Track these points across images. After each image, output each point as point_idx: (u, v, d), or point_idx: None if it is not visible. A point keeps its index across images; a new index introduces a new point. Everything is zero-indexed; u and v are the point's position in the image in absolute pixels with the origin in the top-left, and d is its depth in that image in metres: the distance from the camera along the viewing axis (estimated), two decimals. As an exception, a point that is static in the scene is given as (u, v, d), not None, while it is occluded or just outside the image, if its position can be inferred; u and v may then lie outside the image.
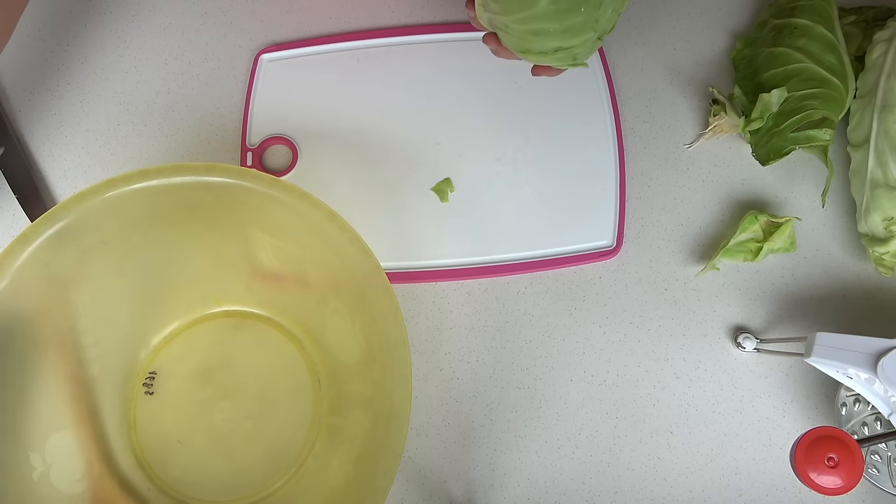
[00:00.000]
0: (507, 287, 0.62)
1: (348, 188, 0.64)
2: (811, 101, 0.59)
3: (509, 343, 0.61)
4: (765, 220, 0.60)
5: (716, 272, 0.61)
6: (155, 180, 0.52)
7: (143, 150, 0.66)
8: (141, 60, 0.68)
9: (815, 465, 0.45)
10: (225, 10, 0.70)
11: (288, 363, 0.59)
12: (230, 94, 0.67)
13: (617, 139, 0.64)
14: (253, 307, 0.60)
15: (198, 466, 0.57)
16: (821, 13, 0.61)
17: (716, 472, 0.58)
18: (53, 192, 0.65)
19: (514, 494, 0.58)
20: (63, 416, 0.55)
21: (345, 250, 0.52)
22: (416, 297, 0.62)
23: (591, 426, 0.59)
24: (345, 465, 0.54)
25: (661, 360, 0.60)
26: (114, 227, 0.54)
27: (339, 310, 0.56)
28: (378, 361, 0.52)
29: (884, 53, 0.59)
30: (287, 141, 0.65)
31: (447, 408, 0.60)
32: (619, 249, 0.62)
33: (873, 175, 0.58)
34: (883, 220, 0.57)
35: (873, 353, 0.50)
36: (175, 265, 0.58)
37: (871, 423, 0.55)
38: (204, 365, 0.59)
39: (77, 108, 0.67)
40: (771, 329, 0.60)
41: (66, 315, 0.55)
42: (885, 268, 0.59)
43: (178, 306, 0.60)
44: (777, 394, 0.59)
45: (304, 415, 0.58)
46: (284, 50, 0.67)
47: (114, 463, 0.56)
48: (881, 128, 0.57)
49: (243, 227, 0.56)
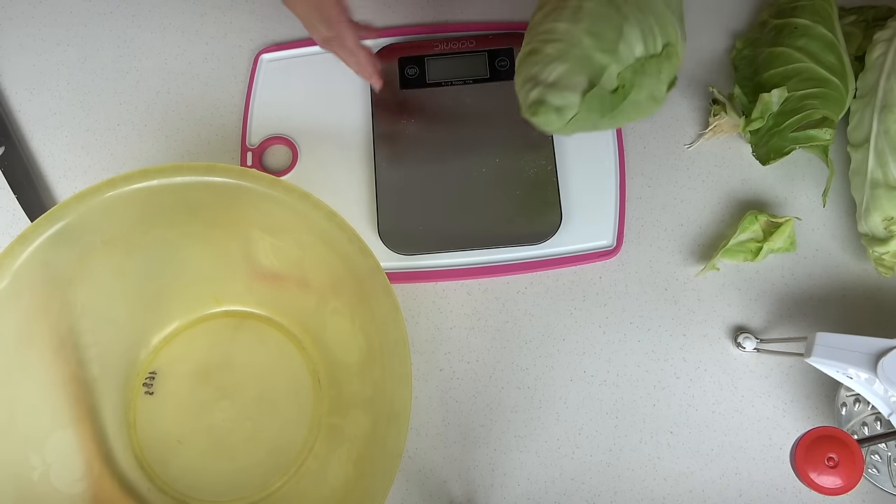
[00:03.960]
0: (507, 287, 0.62)
1: (348, 188, 0.64)
2: (811, 100, 0.59)
3: (509, 343, 0.61)
4: (765, 220, 0.60)
5: (716, 272, 0.61)
6: (155, 180, 0.52)
7: (143, 150, 0.66)
8: (141, 60, 0.68)
9: (815, 465, 0.45)
10: (225, 10, 0.70)
11: (288, 363, 0.59)
12: (230, 94, 0.67)
13: (617, 139, 0.64)
14: (253, 307, 0.60)
15: (198, 466, 0.57)
16: (821, 13, 0.61)
17: (716, 472, 0.58)
18: (53, 192, 0.65)
19: (514, 494, 0.58)
20: (63, 415, 0.55)
21: (345, 250, 0.52)
22: (416, 297, 0.62)
23: (591, 426, 0.59)
24: (345, 465, 0.54)
25: (661, 360, 0.60)
26: (114, 227, 0.54)
27: (339, 310, 0.56)
28: (378, 361, 0.52)
29: (884, 53, 0.59)
30: (287, 141, 0.65)
31: (447, 408, 0.60)
32: (619, 249, 0.62)
33: (873, 175, 0.58)
34: (883, 220, 0.57)
35: (873, 353, 0.50)
36: (175, 265, 0.58)
37: (871, 423, 0.55)
38: (204, 365, 0.59)
39: (77, 108, 0.67)
40: (771, 329, 0.60)
41: (66, 315, 0.55)
42: (885, 268, 0.59)
43: (178, 306, 0.60)
44: (777, 394, 0.59)
45: (304, 415, 0.58)
46: (284, 50, 0.67)
47: (114, 463, 0.56)
48: (881, 128, 0.57)
49: (243, 227, 0.56)
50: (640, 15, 0.52)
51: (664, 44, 0.52)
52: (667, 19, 0.53)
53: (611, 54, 0.51)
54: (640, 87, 0.52)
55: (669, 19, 0.53)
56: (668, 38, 0.53)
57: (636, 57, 0.52)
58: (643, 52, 0.52)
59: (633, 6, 0.52)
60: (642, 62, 0.52)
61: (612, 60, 0.51)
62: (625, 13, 0.51)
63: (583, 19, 0.52)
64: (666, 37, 0.53)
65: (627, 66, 0.51)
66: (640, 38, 0.52)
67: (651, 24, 0.52)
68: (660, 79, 0.53)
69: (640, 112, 0.54)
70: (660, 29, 0.52)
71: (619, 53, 0.51)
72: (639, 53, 0.52)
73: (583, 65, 0.51)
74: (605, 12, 0.52)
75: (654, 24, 0.52)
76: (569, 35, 0.52)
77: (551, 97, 0.51)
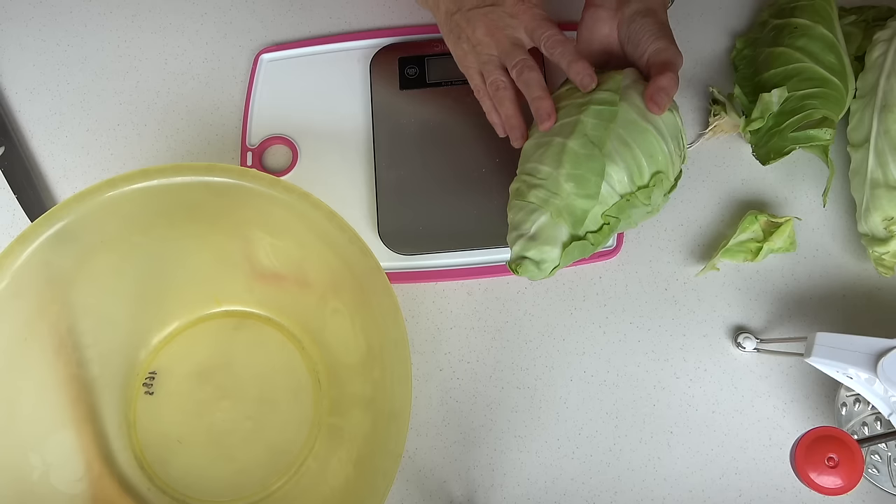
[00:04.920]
0: (507, 287, 0.62)
1: (348, 188, 0.64)
2: (811, 100, 0.59)
3: (509, 343, 0.61)
4: (765, 220, 0.60)
5: (716, 272, 0.61)
6: (155, 180, 0.52)
7: (143, 150, 0.66)
8: (141, 60, 0.68)
9: (815, 465, 0.45)
10: (225, 10, 0.70)
11: (288, 363, 0.59)
12: (230, 94, 0.67)
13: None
14: (253, 307, 0.60)
15: (198, 466, 0.57)
16: (821, 13, 0.61)
17: (716, 472, 0.58)
18: (53, 192, 0.65)
19: (514, 494, 0.58)
20: (63, 416, 0.55)
21: (345, 250, 0.52)
22: (416, 297, 0.62)
23: (591, 426, 0.59)
24: (345, 465, 0.54)
25: (661, 360, 0.60)
26: (114, 226, 0.54)
27: (339, 310, 0.56)
28: (378, 361, 0.52)
29: (884, 53, 0.59)
30: (287, 141, 0.65)
31: (447, 408, 0.60)
32: (619, 249, 0.62)
33: (873, 175, 0.58)
34: (883, 220, 0.57)
35: (873, 353, 0.50)
36: (175, 265, 0.58)
37: (871, 423, 0.55)
38: (204, 365, 0.59)
39: (77, 108, 0.67)
40: (771, 329, 0.60)
41: (66, 315, 0.55)
42: (885, 268, 0.59)
43: (178, 306, 0.60)
44: (777, 394, 0.59)
45: (304, 415, 0.58)
46: (284, 50, 0.67)
47: (114, 463, 0.56)
48: (881, 128, 0.57)
49: (243, 227, 0.56)
50: (625, 149, 0.51)
51: (652, 173, 0.52)
52: (655, 146, 0.52)
53: (592, 199, 0.51)
54: (627, 217, 0.52)
55: (658, 146, 0.52)
56: (657, 166, 0.52)
57: (620, 195, 0.52)
58: (629, 188, 0.52)
59: (617, 141, 0.51)
60: (628, 197, 0.52)
61: (595, 204, 0.51)
62: (608, 151, 0.51)
63: (565, 163, 0.51)
64: (654, 165, 0.52)
65: (612, 206, 0.51)
66: (626, 175, 0.51)
67: (638, 158, 0.51)
68: (651, 202, 0.52)
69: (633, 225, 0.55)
70: (647, 159, 0.52)
71: (602, 196, 0.51)
72: (623, 190, 0.52)
73: (563, 214, 0.51)
74: (587, 153, 0.51)
75: (640, 157, 0.51)
76: (550, 180, 0.52)
77: (531, 253, 0.52)
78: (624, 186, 0.52)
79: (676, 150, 0.54)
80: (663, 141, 0.52)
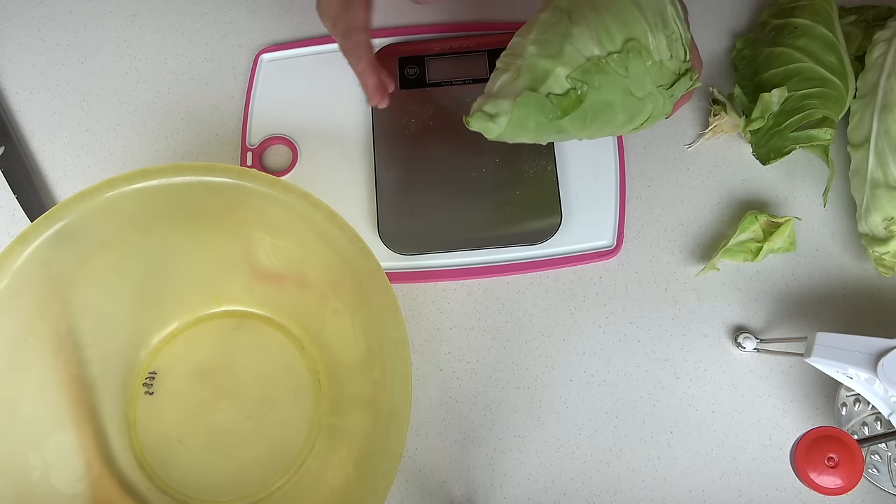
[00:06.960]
0: (507, 287, 0.62)
1: (348, 188, 0.64)
2: (811, 100, 0.59)
3: (509, 343, 0.61)
4: (765, 220, 0.60)
5: (716, 272, 0.61)
6: (155, 180, 0.52)
7: (143, 150, 0.66)
8: (141, 60, 0.68)
9: (815, 465, 0.45)
10: (225, 10, 0.70)
11: (288, 363, 0.59)
12: (230, 94, 0.67)
13: (617, 139, 0.64)
14: (253, 307, 0.60)
15: (198, 466, 0.57)
16: (821, 13, 0.61)
17: (716, 472, 0.58)
18: (53, 192, 0.65)
19: (514, 494, 0.58)
20: (63, 416, 0.55)
21: (345, 250, 0.52)
22: (416, 297, 0.62)
23: (591, 426, 0.59)
24: (345, 465, 0.54)
25: (661, 360, 0.60)
26: (114, 227, 0.54)
27: (339, 310, 0.56)
28: (378, 361, 0.52)
29: (884, 53, 0.59)
30: (287, 141, 0.65)
31: (447, 408, 0.60)
32: (619, 249, 0.62)
33: (873, 175, 0.58)
34: (883, 220, 0.57)
35: (873, 353, 0.50)
36: (175, 265, 0.58)
37: (871, 423, 0.55)
38: (204, 365, 0.59)
39: (77, 108, 0.67)
40: (771, 329, 0.60)
41: (66, 315, 0.55)
42: (885, 268, 0.59)
43: (178, 306, 0.60)
44: (777, 394, 0.59)
45: (304, 415, 0.58)
46: (284, 50, 0.67)
47: (114, 463, 0.56)
48: (881, 128, 0.57)
49: (243, 227, 0.56)
50: (595, 16, 0.50)
51: (625, 39, 0.50)
52: (631, 16, 0.51)
53: (554, 58, 0.50)
54: (601, 87, 0.51)
55: (635, 16, 0.51)
56: (631, 33, 0.50)
57: (586, 57, 0.50)
58: (600, 52, 0.50)
59: (587, 8, 0.51)
60: (596, 62, 0.50)
61: (557, 64, 0.50)
62: (575, 18, 0.51)
63: (532, 30, 0.52)
64: (627, 33, 0.50)
65: (577, 67, 0.50)
66: (593, 38, 0.50)
67: (607, 23, 0.50)
68: (630, 76, 0.51)
69: (628, 114, 0.53)
70: (619, 26, 0.50)
71: (565, 56, 0.50)
72: (591, 53, 0.50)
73: (522, 72, 0.51)
74: (555, 20, 0.51)
75: (610, 24, 0.50)
76: (517, 46, 0.52)
77: (487, 106, 0.51)
78: (590, 49, 0.50)
79: (662, 26, 0.52)
80: (639, 10, 0.51)
